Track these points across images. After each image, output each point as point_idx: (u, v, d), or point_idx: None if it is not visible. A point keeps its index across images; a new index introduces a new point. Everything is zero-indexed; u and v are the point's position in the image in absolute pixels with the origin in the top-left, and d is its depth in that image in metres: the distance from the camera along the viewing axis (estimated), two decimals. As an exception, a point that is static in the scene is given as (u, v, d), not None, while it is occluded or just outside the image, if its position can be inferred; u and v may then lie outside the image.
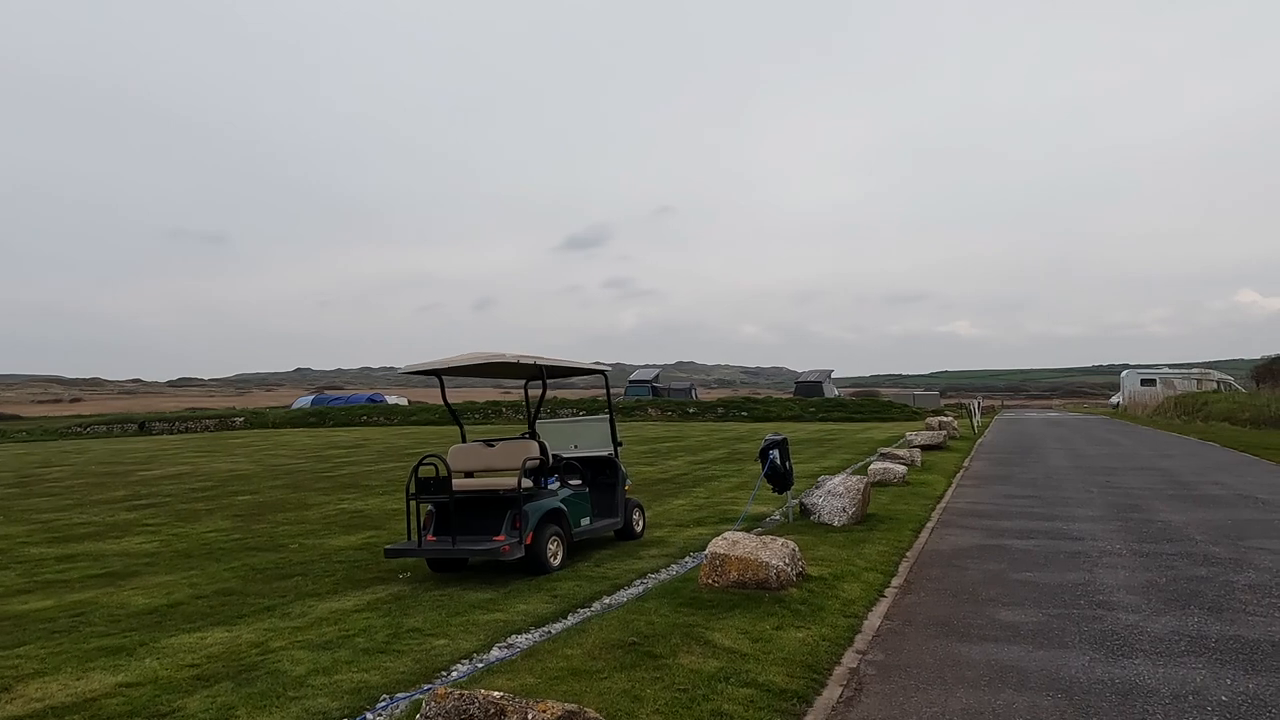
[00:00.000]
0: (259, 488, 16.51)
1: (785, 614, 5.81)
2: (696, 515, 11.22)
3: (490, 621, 5.97)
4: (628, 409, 49.88)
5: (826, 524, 9.56)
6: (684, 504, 12.42)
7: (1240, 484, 13.41)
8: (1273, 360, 44.18)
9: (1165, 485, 13.43)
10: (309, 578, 7.87)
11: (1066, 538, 8.94)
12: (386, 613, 6.34)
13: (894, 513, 10.52)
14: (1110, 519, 10.13)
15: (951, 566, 7.66)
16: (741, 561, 6.45)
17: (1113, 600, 6.31)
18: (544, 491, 7.93)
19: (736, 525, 9.80)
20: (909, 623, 5.85)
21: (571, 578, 7.39)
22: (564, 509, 7.97)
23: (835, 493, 9.79)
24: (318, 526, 11.23)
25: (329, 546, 9.64)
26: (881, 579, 7.08)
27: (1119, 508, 11.04)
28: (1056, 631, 5.56)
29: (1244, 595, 6.37)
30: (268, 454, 26.42)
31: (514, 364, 7.78)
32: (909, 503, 11.44)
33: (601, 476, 9.32)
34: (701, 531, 9.79)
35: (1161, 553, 8.04)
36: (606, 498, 9.15)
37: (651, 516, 11.22)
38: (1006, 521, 10.07)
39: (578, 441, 9.65)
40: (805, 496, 10.07)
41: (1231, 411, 33.50)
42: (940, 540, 8.96)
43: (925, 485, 13.26)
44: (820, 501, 9.80)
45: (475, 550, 7.14)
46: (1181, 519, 10.02)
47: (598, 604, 6.49)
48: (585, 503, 8.50)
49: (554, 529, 7.74)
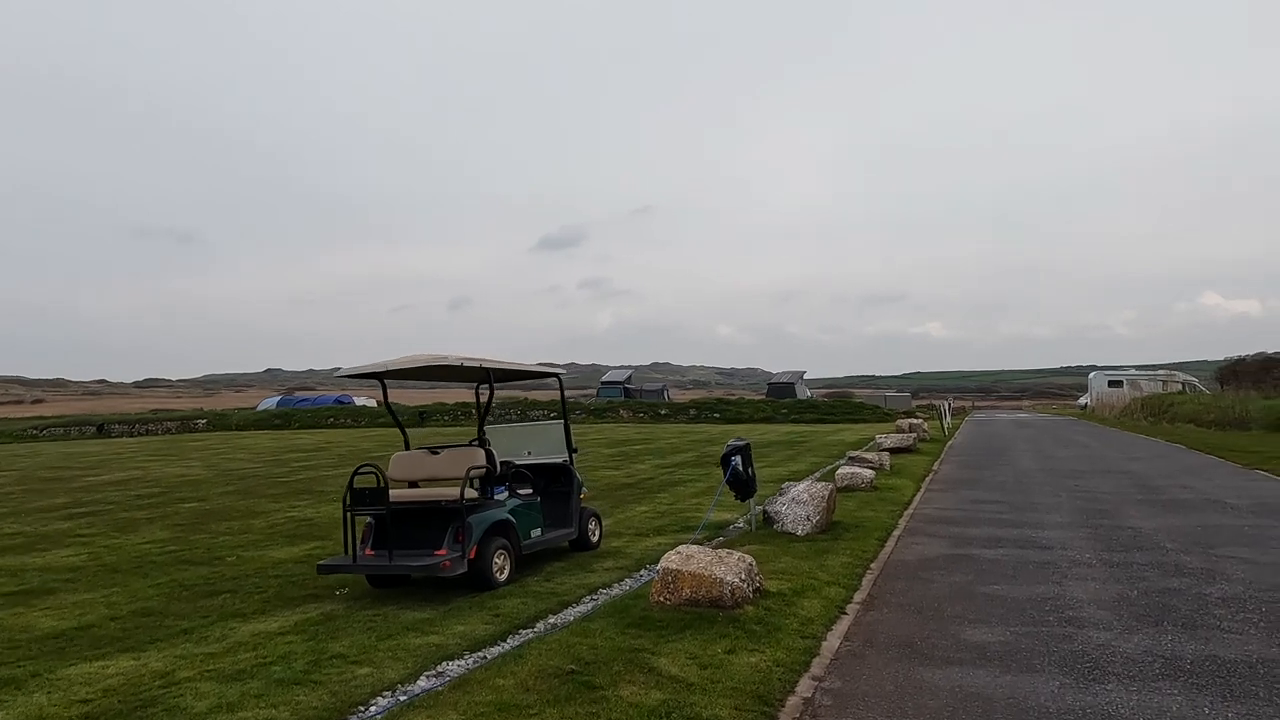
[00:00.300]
0: (208, 494, 15.89)
1: (739, 635, 5.44)
2: (658, 523, 10.85)
3: (422, 646, 5.53)
4: (599, 410, 49.45)
5: (790, 533, 9.21)
6: (646, 511, 12.04)
7: (1208, 488, 13.28)
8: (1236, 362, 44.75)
9: (1134, 489, 13.27)
10: (238, 595, 7.38)
11: (1035, 546, 8.67)
12: (312, 636, 5.88)
13: (860, 520, 10.21)
14: (1079, 525, 9.89)
15: (917, 579, 7.33)
16: (695, 578, 6.07)
17: (1083, 616, 6.01)
18: (491, 502, 7.50)
19: (696, 534, 9.44)
20: (870, 644, 5.50)
21: (518, 594, 6.97)
22: (512, 520, 7.55)
23: (799, 500, 9.45)
24: (261, 537, 10.71)
25: (268, 559, 9.14)
26: (843, 594, 6.74)
27: (1088, 513, 10.81)
28: (1025, 652, 5.24)
29: (1218, 610, 6.09)
30: (225, 457, 25.67)
31: (457, 367, 7.34)
32: (876, 509, 11.14)
33: (555, 484, 8.91)
34: (661, 541, 9.41)
35: (1132, 563, 7.78)
36: (560, 507, 8.75)
37: (611, 524, 10.83)
38: (974, 529, 9.80)
39: (531, 447, 9.23)
40: (768, 504, 9.72)
41: (1197, 413, 33.76)
42: (906, 550, 8.65)
43: (893, 490, 12.98)
44: (783, 509, 9.45)
45: (413, 566, 6.70)
46: (1151, 525, 9.80)
47: (542, 624, 6.08)
48: (536, 513, 8.08)
49: (501, 542, 7.31)
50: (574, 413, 49.18)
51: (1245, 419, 29.64)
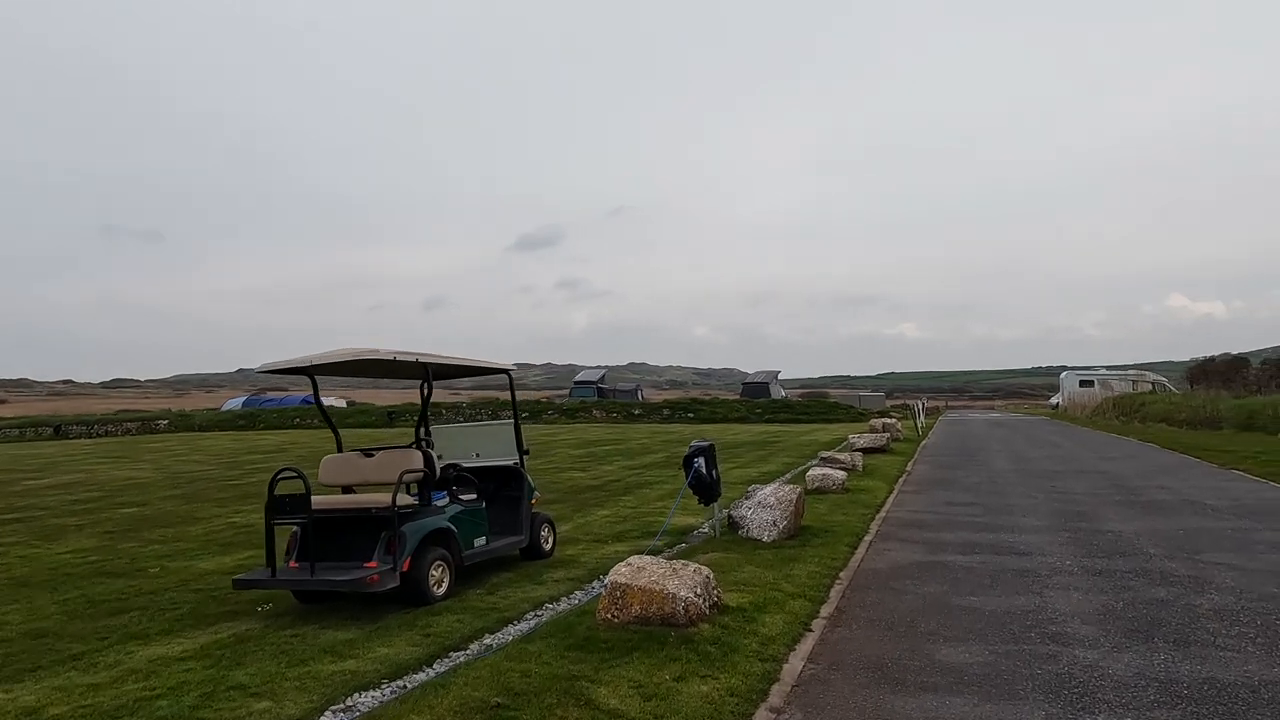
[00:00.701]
0: (150, 498, 15.09)
1: (691, 659, 4.88)
2: (619, 529, 10.28)
3: (335, 674, 4.93)
4: (572, 410, 48.78)
5: (755, 539, 8.69)
6: (608, 515, 11.47)
7: (1185, 488, 12.95)
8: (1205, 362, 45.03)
9: (1110, 490, 12.91)
10: (149, 612, 6.71)
11: (1013, 552, 8.21)
12: (216, 662, 5.25)
13: (830, 525, 9.71)
14: (1057, 529, 9.46)
15: (888, 590, 6.83)
16: (645, 593, 5.51)
17: (1067, 632, 5.53)
18: (428, 509, 6.89)
19: (655, 540, 8.88)
20: (836, 666, 4.97)
21: (455, 610, 6.37)
22: (453, 528, 6.94)
23: (766, 504, 8.93)
24: (194, 545, 10.00)
25: (195, 570, 8.46)
26: (809, 608, 6.21)
27: (1065, 516, 10.40)
28: (1006, 675, 4.74)
29: (1210, 624, 5.64)
30: (179, 459, 24.75)
31: (390, 362, 6.73)
32: (847, 512, 10.65)
33: (505, 489, 8.32)
34: (619, 549, 8.84)
35: (1115, 570, 7.33)
36: (509, 513, 8.16)
37: (570, 530, 10.26)
38: (949, 533, 9.33)
39: (479, 449, 8.64)
40: (734, 509, 9.19)
41: (1168, 412, 33.79)
42: (878, 557, 8.15)
43: (865, 492, 12.51)
44: (749, 514, 8.92)
45: (336, 581, 6.08)
46: (1131, 529, 9.39)
47: (476, 645, 5.49)
48: (481, 520, 7.48)
49: (439, 552, 6.71)
50: (546, 413, 48.50)
51: (1216, 418, 29.65)
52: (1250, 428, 27.57)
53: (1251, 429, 27.42)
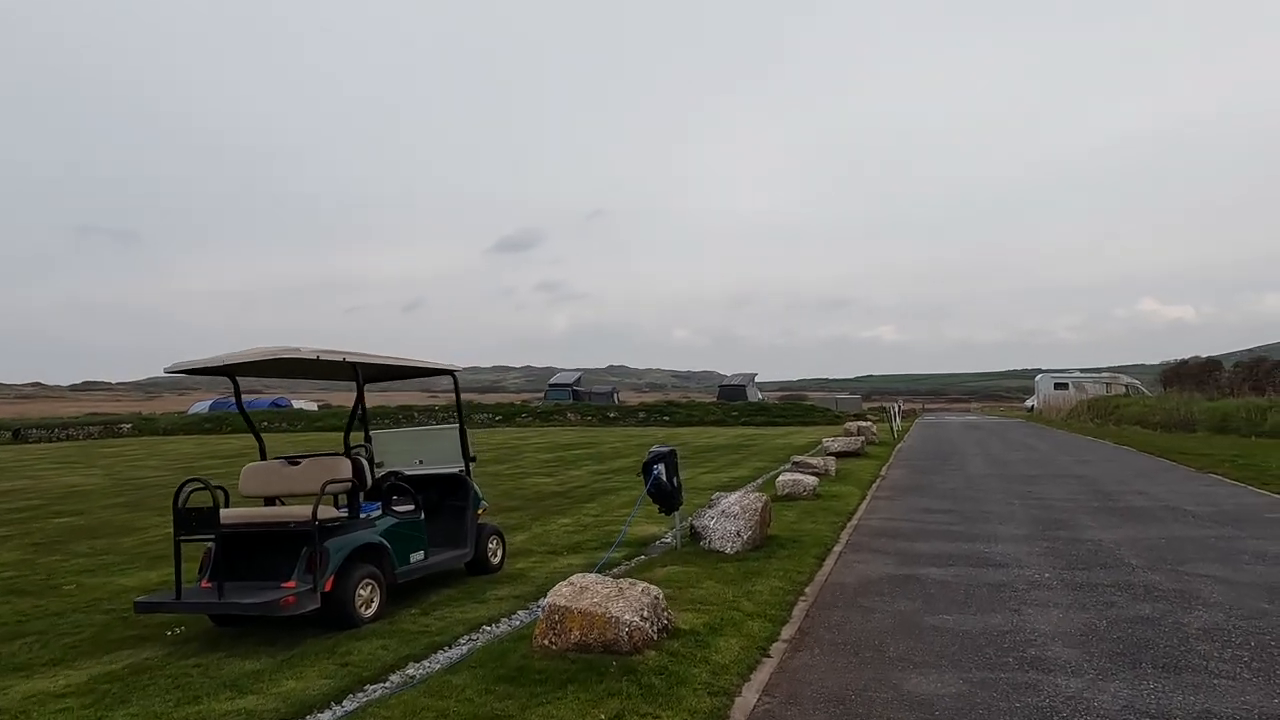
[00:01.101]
0: (91, 506, 14.35)
1: (631, 693, 4.36)
2: (577, 539, 9.74)
3: (228, 714, 4.35)
4: (546, 413, 48.14)
5: (718, 551, 8.17)
6: (568, 524, 10.92)
7: (1163, 493, 12.61)
8: (1179, 365, 45.20)
9: (1088, 495, 12.54)
10: (45, 638, 6.09)
11: (989, 564, 7.76)
12: (99, 699, 4.66)
13: (799, 534, 9.22)
14: (1035, 538, 9.03)
15: (856, 607, 6.34)
16: (586, 617, 4.97)
17: (1048, 656, 5.06)
18: (358, 522, 6.32)
19: (611, 551, 8.35)
20: (794, 700, 4.47)
21: (382, 634, 5.80)
22: (384, 543, 6.38)
23: (729, 514, 8.42)
24: (122, 559, 9.35)
25: (113, 588, 7.83)
26: (769, 629, 5.70)
27: (1043, 523, 9.98)
28: (981, 709, 4.25)
29: (1201, 645, 5.19)
30: (134, 465, 23.88)
31: (314, 361, 6.15)
32: (817, 520, 10.17)
33: (450, 499, 7.76)
34: (574, 562, 8.31)
35: (1096, 584, 6.89)
36: (453, 525, 7.60)
37: (525, 540, 9.71)
38: (922, 543, 8.87)
39: (423, 456, 8.07)
40: (696, 518, 8.68)
41: (1143, 415, 33.74)
42: (846, 570, 7.66)
43: (837, 499, 12.05)
44: (711, 524, 8.41)
45: (245, 604, 5.49)
46: (1111, 537, 8.98)
47: (396, 676, 4.94)
48: (419, 533, 6.91)
49: (368, 570, 6.14)
50: (520, 416, 47.81)
51: (1191, 421, 29.59)
52: (1224, 430, 27.51)
53: (1225, 431, 27.35)
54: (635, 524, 10.39)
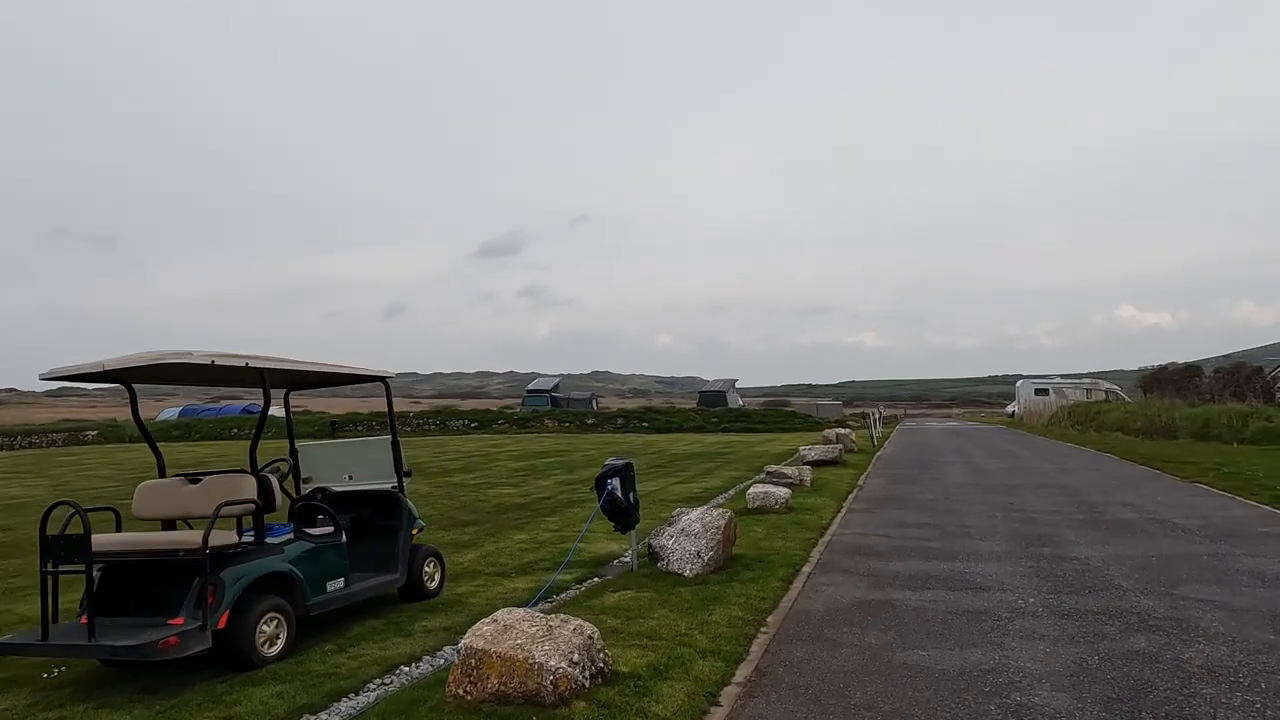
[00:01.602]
0: (22, 522, 13.48)
1: (549, 758, 3.69)
2: (530, 557, 9.06)
3: (64, 789, 3.65)
4: (523, 420, 47.36)
5: (676, 573, 7.52)
6: (524, 540, 10.23)
7: (1150, 504, 12.09)
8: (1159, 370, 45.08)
9: (1072, 507, 12.00)
10: (-100, 682, 5.33)
11: (969, 587, 7.15)
12: (-79, 767, 3.94)
13: (766, 552, 8.59)
14: (1018, 556, 8.45)
15: (821, 640, 5.70)
16: (506, 662, 4.31)
17: (1035, 704, 4.44)
18: (263, 548, 5.62)
19: (558, 574, 7.68)
20: (740, 764, 3.82)
21: (284, 676, 5.11)
22: (294, 572, 5.68)
23: (690, 532, 7.78)
24: (30, 582, 8.54)
25: (9, 618, 7.08)
26: (722, 669, 5.05)
27: (1026, 539, 9.41)
28: (958, 776, 3.62)
29: (1206, 688, 4.60)
30: (86, 475, 22.92)
31: (208, 366, 5.44)
32: (787, 537, 9.54)
33: (380, 518, 7.07)
34: (520, 586, 7.63)
35: (1086, 610, 6.29)
36: (383, 547, 6.90)
37: (475, 559, 9.03)
38: (898, 562, 8.26)
39: (353, 470, 7.38)
40: (654, 537, 8.02)
41: (1124, 421, 33.45)
42: (814, 594, 7.03)
43: (810, 512, 11.43)
44: (670, 544, 7.76)
45: (119, 647, 4.78)
46: (1099, 555, 8.42)
47: (284, 734, 4.24)
48: (339, 558, 6.22)
49: (273, 602, 5.44)
50: (496, 423, 46.99)
51: (1172, 427, 29.30)
52: (1206, 437, 27.21)
53: (1207, 438, 27.05)
54: (595, 541, 9.74)
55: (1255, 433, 25.66)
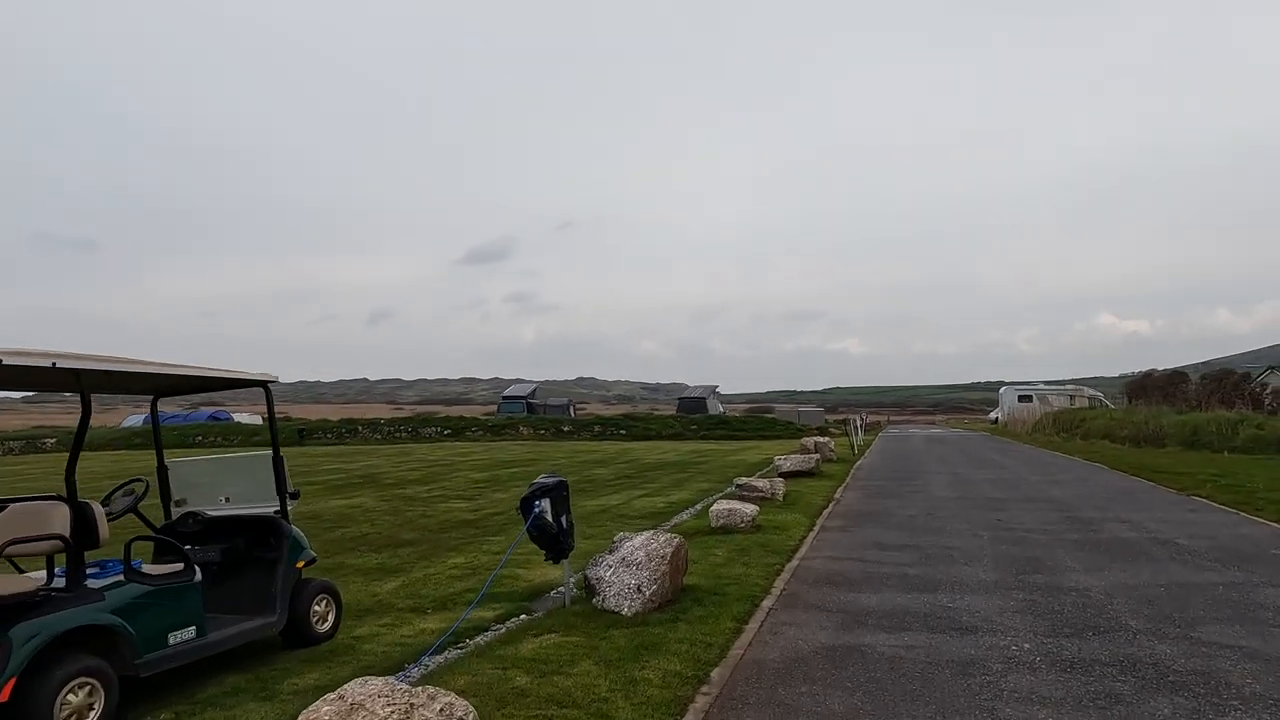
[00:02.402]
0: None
1: None
2: (458, 588, 7.95)
3: None
4: (498, 427, 46.13)
5: (613, 611, 6.45)
6: (458, 565, 9.13)
7: (1148, 521, 11.13)
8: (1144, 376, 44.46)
9: (1064, 524, 11.02)
10: None
11: (954, 627, 6.12)
12: None
13: (723, 582, 7.54)
14: (1008, 587, 7.43)
15: (774, 706, 4.64)
16: (337, 762, 3.21)
17: (1039, 809, 3.39)
18: (75, 594, 4.50)
19: (469, 610, 6.57)
20: None
21: (80, 765, 3.98)
22: (119, 623, 4.56)
23: (632, 561, 6.70)
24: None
25: None
26: (642, 754, 3.98)
27: (1017, 565, 8.40)
28: None
29: (1259, 783, 3.56)
30: (29, 485, 21.57)
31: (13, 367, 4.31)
32: (750, 562, 8.49)
33: (259, 549, 5.95)
34: (431, 628, 6.53)
35: (1092, 660, 5.27)
36: (259, 584, 5.79)
37: (394, 589, 7.94)
38: (872, 595, 7.22)
39: (230, 491, 6.27)
40: (591, 566, 6.94)
41: (1110, 428, 32.70)
42: (773, 638, 5.97)
43: (779, 531, 10.39)
44: (609, 575, 6.68)
45: None
46: (1099, 585, 7.41)
47: None
48: (189, 602, 5.09)
49: (82, 664, 4.32)
50: (470, 430, 45.73)
51: (1160, 435, 28.52)
52: (1195, 445, 26.44)
53: (1196, 446, 26.29)
54: (535, 566, 8.65)
55: (1246, 441, 24.90)
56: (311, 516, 13.60)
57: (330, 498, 16.46)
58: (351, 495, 16.87)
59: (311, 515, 13.72)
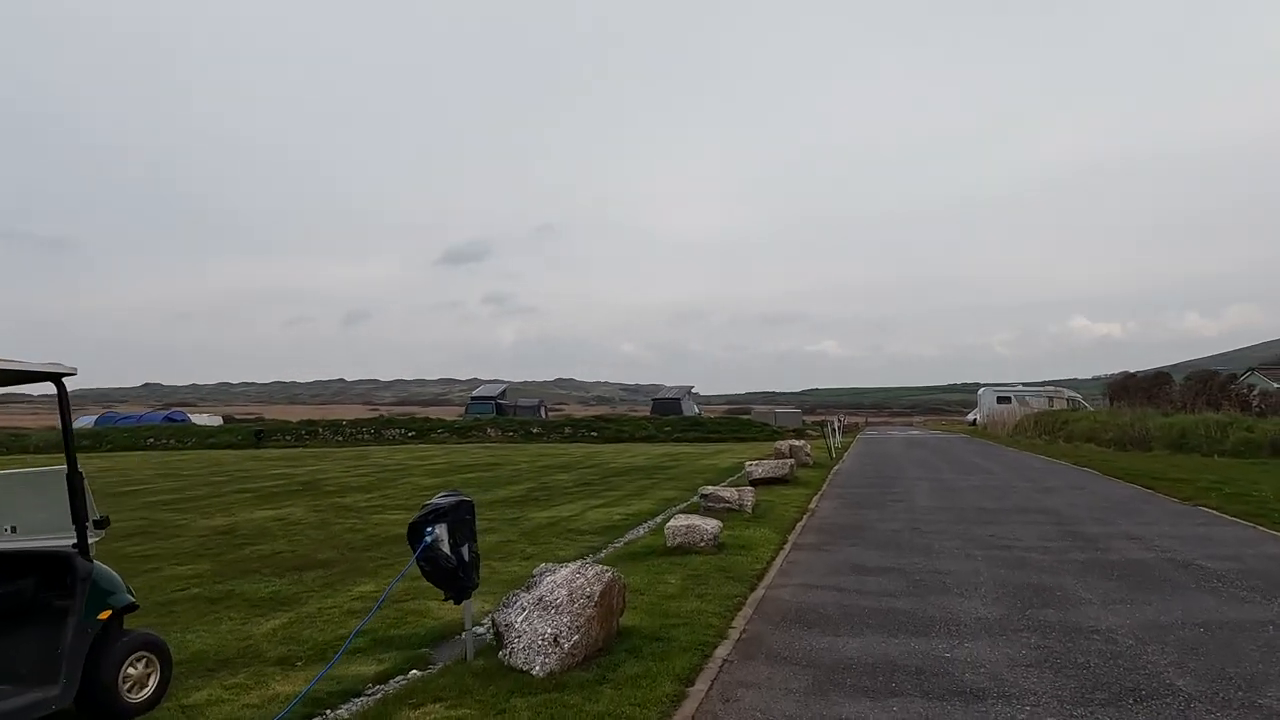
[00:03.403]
0: None
1: None
2: (330, 635, 6.44)
3: None
4: (465, 429, 44.55)
5: (521, 670, 5.06)
6: (365, 593, 7.70)
7: (1159, 538, 9.92)
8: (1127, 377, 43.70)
9: (1066, 541, 9.78)
10: None
11: (955, 691, 4.79)
12: None
13: (670, 622, 6.18)
14: (1015, 626, 6.13)
15: (714, 832, 3.28)
16: None
17: None
18: None
19: (334, 662, 5.14)
20: None
21: None
22: None
23: (550, 603, 5.32)
24: None
25: None
26: None
27: (1020, 595, 7.12)
28: None
29: None
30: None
31: None
32: (706, 593, 7.14)
33: (49, 594, 4.51)
34: (290, 693, 5.09)
35: (1142, 747, 3.96)
36: (41, 641, 4.35)
37: (277, 627, 6.52)
38: (852, 638, 5.89)
39: (17, 519, 4.82)
40: (502, 608, 5.54)
41: (1094, 431, 31.75)
42: (723, 709, 4.61)
43: (745, 551, 9.05)
44: (520, 621, 5.29)
45: None
46: (1124, 623, 6.13)
47: None
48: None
49: None
50: (435, 431, 44.11)
51: (1146, 438, 27.56)
52: (1182, 448, 25.49)
53: (1184, 449, 25.34)
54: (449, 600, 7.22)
55: (1236, 444, 23.95)
56: (225, 531, 12.10)
57: (257, 508, 14.94)
58: (282, 505, 15.36)
59: (226, 530, 12.23)
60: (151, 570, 9.36)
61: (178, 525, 12.90)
